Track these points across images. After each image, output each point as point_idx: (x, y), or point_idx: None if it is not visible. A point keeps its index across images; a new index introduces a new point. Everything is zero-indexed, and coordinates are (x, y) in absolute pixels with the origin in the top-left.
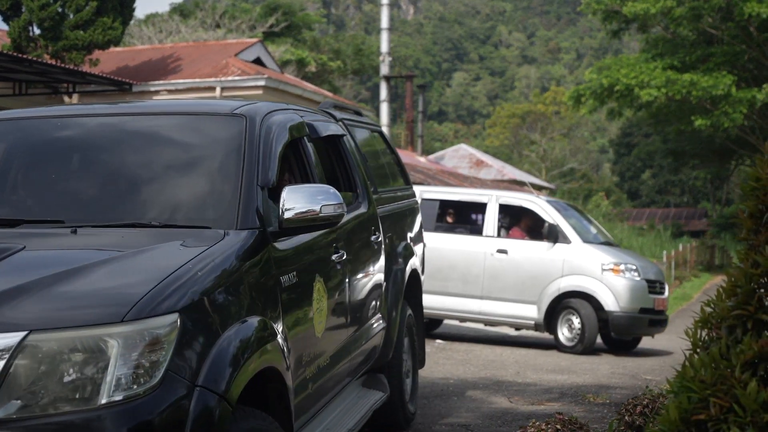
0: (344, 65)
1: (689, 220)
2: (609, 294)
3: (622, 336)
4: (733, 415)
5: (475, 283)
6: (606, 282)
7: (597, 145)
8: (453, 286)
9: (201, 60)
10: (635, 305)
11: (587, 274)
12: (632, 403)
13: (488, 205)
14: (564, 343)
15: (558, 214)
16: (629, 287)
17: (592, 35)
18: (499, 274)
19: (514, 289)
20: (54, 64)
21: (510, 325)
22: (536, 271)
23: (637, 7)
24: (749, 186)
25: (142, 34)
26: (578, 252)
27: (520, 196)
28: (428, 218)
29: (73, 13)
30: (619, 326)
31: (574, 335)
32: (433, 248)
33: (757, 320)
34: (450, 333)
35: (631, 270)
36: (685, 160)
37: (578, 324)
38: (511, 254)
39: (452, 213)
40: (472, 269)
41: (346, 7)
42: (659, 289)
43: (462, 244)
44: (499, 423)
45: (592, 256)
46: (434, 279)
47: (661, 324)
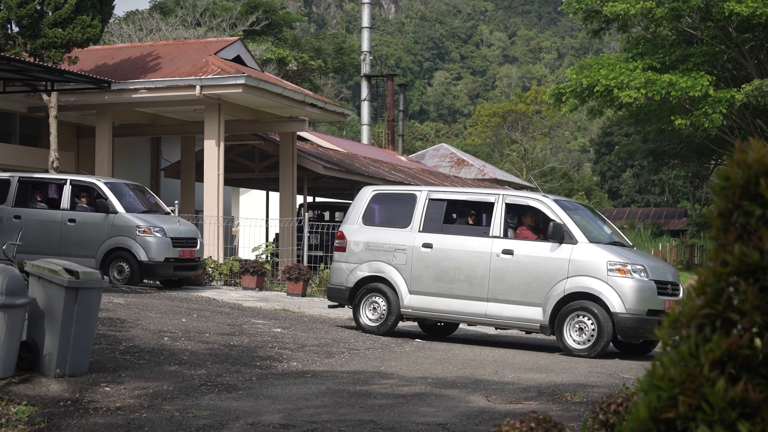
0: (325, 64)
1: (669, 220)
2: (615, 295)
3: (629, 339)
4: (701, 413)
5: (480, 285)
6: (612, 283)
7: (578, 144)
8: (459, 288)
9: (180, 58)
10: (642, 307)
11: (593, 274)
12: (606, 402)
13: (495, 205)
14: (573, 346)
15: (564, 213)
16: (636, 288)
17: (573, 35)
18: (504, 275)
19: (519, 291)
20: (32, 62)
21: (515, 329)
22: (541, 272)
23: (618, 7)
24: (719, 185)
25: (122, 32)
26: (584, 252)
27: (527, 195)
28: (435, 219)
29: (51, 10)
30: (625, 329)
31: (587, 338)
32: (440, 249)
33: (725, 319)
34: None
35: (639, 271)
36: (665, 160)
37: (592, 327)
38: (516, 255)
39: (472, 214)
40: (478, 271)
41: (327, 6)
42: (671, 291)
43: (468, 245)
44: (476, 422)
45: (598, 256)
46: (441, 281)
47: None
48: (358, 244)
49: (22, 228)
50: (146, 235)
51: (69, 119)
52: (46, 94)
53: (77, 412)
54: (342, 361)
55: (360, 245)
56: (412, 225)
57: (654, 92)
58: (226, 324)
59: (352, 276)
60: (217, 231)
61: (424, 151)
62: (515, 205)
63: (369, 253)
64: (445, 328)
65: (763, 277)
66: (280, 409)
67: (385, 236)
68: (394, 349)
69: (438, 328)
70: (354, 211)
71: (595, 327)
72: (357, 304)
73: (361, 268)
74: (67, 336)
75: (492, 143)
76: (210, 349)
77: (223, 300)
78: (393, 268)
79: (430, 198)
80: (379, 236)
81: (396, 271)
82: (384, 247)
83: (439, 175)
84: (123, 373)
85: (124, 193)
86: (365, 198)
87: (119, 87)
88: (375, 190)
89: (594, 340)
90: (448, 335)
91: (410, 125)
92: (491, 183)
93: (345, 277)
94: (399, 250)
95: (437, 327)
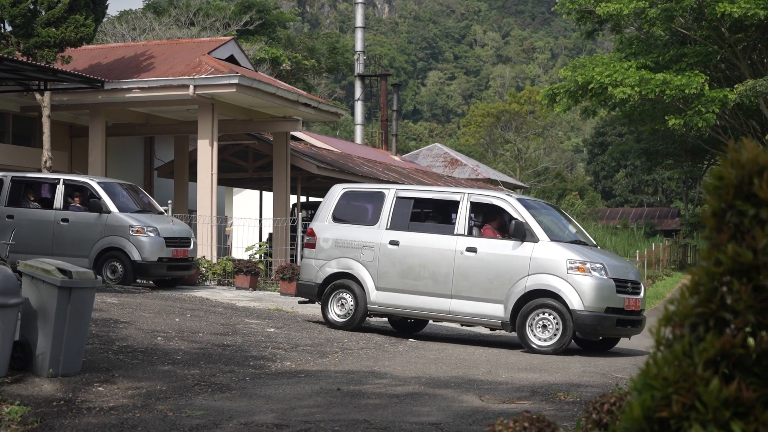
0: (318, 64)
1: (662, 220)
2: (574, 293)
3: (588, 336)
4: (695, 412)
5: (444, 282)
6: (571, 280)
7: (571, 144)
8: (424, 285)
9: (174, 58)
10: (601, 304)
11: (553, 272)
12: (600, 401)
13: (460, 204)
14: (535, 343)
15: (527, 211)
16: (595, 286)
17: (567, 35)
18: (468, 272)
19: (482, 288)
20: (25, 62)
21: (478, 325)
22: (503, 269)
23: (611, 7)
24: (712, 185)
25: (115, 32)
26: (545, 250)
27: (491, 193)
28: (402, 217)
29: (45, 10)
30: (583, 326)
31: (551, 335)
32: (406, 246)
33: (718, 318)
34: (423, 332)
35: (598, 269)
36: (659, 160)
37: (556, 324)
38: (479, 252)
39: (438, 213)
40: (442, 268)
41: (320, 6)
42: (631, 290)
43: (433, 242)
44: (469, 422)
45: (559, 254)
46: (406, 278)
47: (633, 324)
48: (327, 241)
49: (15, 227)
50: (139, 234)
51: (62, 119)
52: (39, 94)
53: (70, 412)
54: (335, 361)
55: (329, 242)
56: (380, 222)
57: (648, 90)
58: (219, 324)
59: (321, 272)
60: (210, 231)
61: (418, 151)
62: (480, 203)
63: (338, 250)
64: (414, 325)
65: (756, 276)
66: (273, 409)
67: (354, 233)
68: (387, 348)
69: (407, 325)
70: (324, 208)
71: (559, 324)
72: (325, 299)
73: (329, 265)
74: (60, 336)
75: (485, 143)
76: (203, 349)
77: (217, 300)
78: (360, 264)
79: (398, 196)
80: (347, 233)
81: (363, 268)
82: (352, 244)
83: (433, 175)
84: (116, 372)
85: (117, 192)
86: (335, 196)
87: (112, 86)
88: (345, 188)
89: (558, 336)
90: (417, 332)
91: (404, 125)
92: (485, 183)
93: (314, 273)
94: (367, 247)
95: (407, 324)
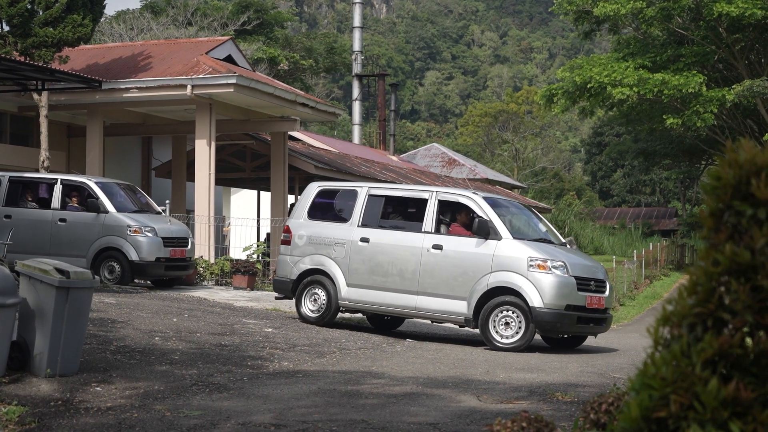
0: (316, 63)
1: (660, 220)
2: (534, 290)
3: (547, 333)
4: (693, 412)
5: (411, 278)
6: (531, 278)
7: (569, 144)
8: (392, 281)
9: (172, 58)
10: (561, 302)
11: (514, 270)
12: (598, 401)
13: (428, 202)
14: (498, 340)
15: (492, 210)
16: (555, 284)
17: (564, 35)
18: (433, 269)
19: (447, 285)
20: (23, 61)
21: (443, 321)
22: (467, 266)
23: (608, 7)
24: (710, 185)
25: (112, 31)
26: (507, 248)
27: (457, 192)
28: (373, 215)
29: (42, 9)
30: (542, 323)
31: (514, 332)
32: (376, 244)
33: (717, 318)
34: (420, 332)
35: (559, 267)
36: (656, 160)
37: (519, 321)
38: (445, 250)
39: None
40: (409, 265)
41: (318, 6)
42: (594, 288)
43: (402, 239)
44: (467, 422)
45: (520, 251)
46: (376, 274)
47: (596, 322)
48: (302, 238)
49: (12, 227)
50: (137, 234)
51: (60, 119)
52: (37, 94)
53: (68, 412)
54: (333, 361)
55: (303, 239)
56: (352, 220)
57: (647, 90)
58: (217, 324)
59: (296, 268)
60: (208, 231)
61: (416, 150)
62: (447, 201)
63: (311, 247)
64: (391, 321)
65: (754, 276)
66: (271, 409)
67: (327, 230)
68: (385, 348)
69: (384, 321)
70: (300, 205)
71: (521, 321)
72: (299, 295)
73: (303, 261)
74: (58, 336)
75: (483, 143)
76: (201, 349)
77: (214, 300)
78: (332, 261)
79: (370, 194)
80: (321, 230)
81: (335, 265)
82: (325, 241)
83: (431, 175)
84: (114, 373)
85: (115, 192)
86: (311, 193)
87: (110, 86)
88: (320, 186)
89: (521, 334)
90: (394, 329)
91: (401, 125)
92: (482, 183)
93: (289, 269)
94: (338, 244)
95: (383, 320)
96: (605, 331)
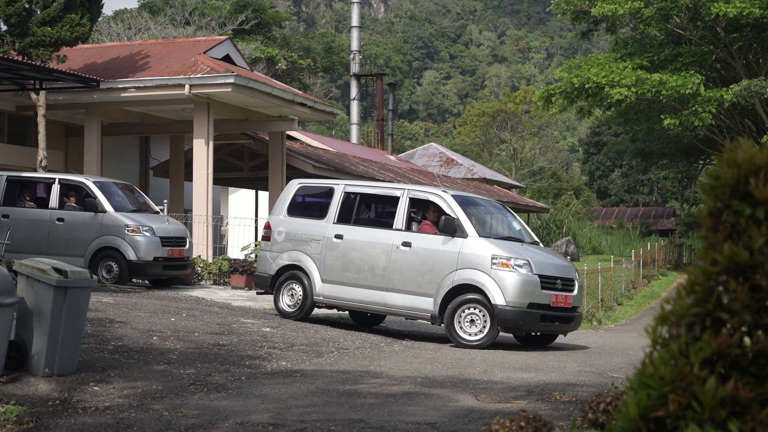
0: (314, 63)
1: (657, 219)
2: (496, 288)
3: (510, 331)
4: (691, 411)
5: (381, 275)
6: (494, 276)
7: (566, 144)
8: (363, 278)
9: (169, 57)
10: (523, 300)
11: (478, 267)
12: (596, 401)
13: (400, 199)
14: (463, 337)
15: (459, 207)
16: (517, 282)
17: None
18: (402, 266)
19: (414, 282)
20: (20, 61)
21: (410, 318)
22: (434, 264)
23: (606, 7)
24: (709, 184)
25: (110, 31)
26: (472, 245)
27: (428, 189)
28: (348, 212)
29: (40, 9)
30: (504, 320)
31: (479, 329)
32: (349, 240)
33: (715, 318)
34: (418, 332)
35: (523, 265)
36: (654, 160)
37: (484, 318)
38: (413, 247)
39: (382, 208)
40: (380, 262)
41: (316, 5)
42: (561, 286)
43: (374, 236)
44: (465, 421)
45: (485, 249)
46: (348, 271)
47: (563, 321)
48: (281, 234)
49: (10, 227)
50: (135, 234)
51: (58, 118)
52: (35, 93)
53: (66, 411)
54: (331, 361)
55: (282, 235)
56: (328, 217)
57: (644, 90)
58: (215, 323)
59: (275, 264)
60: (206, 230)
61: (414, 150)
62: (418, 199)
63: (289, 243)
64: (373, 318)
65: (752, 276)
66: (269, 409)
67: (304, 227)
68: (383, 348)
69: (366, 318)
70: (280, 202)
71: (486, 319)
72: (277, 290)
73: (282, 257)
74: (56, 335)
75: (481, 143)
76: (199, 349)
77: (212, 299)
78: (309, 257)
79: (346, 191)
80: (299, 227)
81: (311, 261)
82: (302, 237)
83: (429, 175)
84: (112, 372)
85: (112, 192)
86: (291, 190)
87: (108, 86)
88: (300, 183)
89: (486, 331)
90: (375, 326)
91: (399, 125)
92: (480, 182)
93: (269, 265)
94: (314, 241)
95: (365, 317)
96: (574, 330)
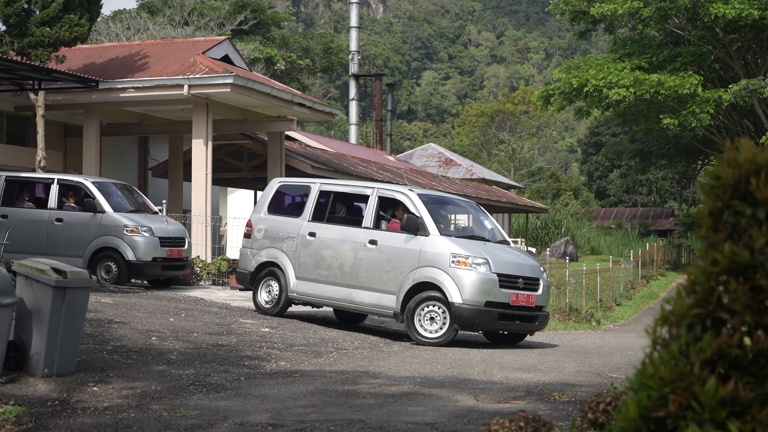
0: (313, 63)
1: (656, 220)
2: (454, 286)
3: (466, 329)
4: (692, 411)
5: (350, 273)
6: (452, 274)
7: (565, 144)
8: (333, 275)
9: (168, 57)
10: (480, 298)
11: (437, 265)
12: (595, 401)
13: (369, 198)
14: (423, 334)
15: (423, 206)
16: (474, 280)
17: (561, 35)
18: (369, 264)
19: (379, 280)
20: (19, 61)
21: (375, 314)
22: (397, 262)
23: (605, 7)
24: (709, 184)
25: (109, 31)
26: (433, 244)
27: (395, 188)
28: (322, 210)
29: (39, 9)
30: (461, 318)
31: (438, 327)
32: (321, 238)
33: (715, 318)
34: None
35: (481, 263)
36: (653, 160)
37: (443, 316)
38: (379, 245)
39: (353, 206)
40: (348, 259)
41: (315, 5)
42: (523, 285)
43: (344, 234)
44: (464, 421)
45: (444, 248)
46: (320, 268)
47: (524, 320)
48: (260, 232)
49: (9, 227)
50: (134, 234)
51: (56, 118)
52: (34, 93)
53: (65, 411)
54: (330, 361)
55: (262, 232)
56: (304, 215)
57: (643, 91)
58: (214, 324)
59: (254, 261)
60: (204, 230)
61: (412, 150)
62: (386, 198)
63: (268, 241)
64: (356, 316)
65: (753, 276)
66: (268, 409)
67: (282, 224)
68: (382, 348)
69: (349, 315)
70: (261, 200)
71: (446, 316)
72: (256, 286)
73: (260, 254)
74: (55, 335)
75: (480, 143)
76: (198, 349)
77: (211, 299)
78: (284, 254)
79: (321, 190)
80: (277, 224)
81: (287, 258)
82: (279, 235)
83: (428, 175)
84: (111, 372)
85: (111, 192)
86: (272, 188)
87: (107, 86)
88: (281, 182)
89: (445, 329)
90: (359, 323)
91: (398, 125)
92: (479, 183)
93: (249, 262)
94: (290, 238)
95: (348, 314)
96: (540, 330)
